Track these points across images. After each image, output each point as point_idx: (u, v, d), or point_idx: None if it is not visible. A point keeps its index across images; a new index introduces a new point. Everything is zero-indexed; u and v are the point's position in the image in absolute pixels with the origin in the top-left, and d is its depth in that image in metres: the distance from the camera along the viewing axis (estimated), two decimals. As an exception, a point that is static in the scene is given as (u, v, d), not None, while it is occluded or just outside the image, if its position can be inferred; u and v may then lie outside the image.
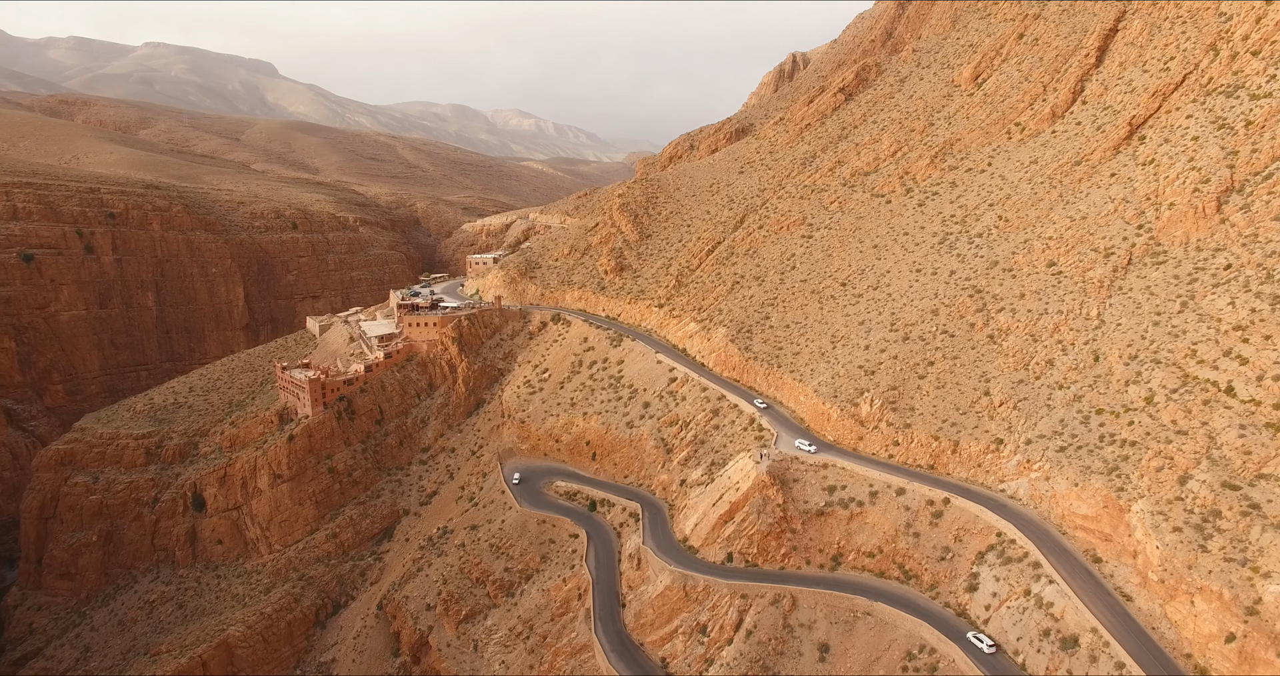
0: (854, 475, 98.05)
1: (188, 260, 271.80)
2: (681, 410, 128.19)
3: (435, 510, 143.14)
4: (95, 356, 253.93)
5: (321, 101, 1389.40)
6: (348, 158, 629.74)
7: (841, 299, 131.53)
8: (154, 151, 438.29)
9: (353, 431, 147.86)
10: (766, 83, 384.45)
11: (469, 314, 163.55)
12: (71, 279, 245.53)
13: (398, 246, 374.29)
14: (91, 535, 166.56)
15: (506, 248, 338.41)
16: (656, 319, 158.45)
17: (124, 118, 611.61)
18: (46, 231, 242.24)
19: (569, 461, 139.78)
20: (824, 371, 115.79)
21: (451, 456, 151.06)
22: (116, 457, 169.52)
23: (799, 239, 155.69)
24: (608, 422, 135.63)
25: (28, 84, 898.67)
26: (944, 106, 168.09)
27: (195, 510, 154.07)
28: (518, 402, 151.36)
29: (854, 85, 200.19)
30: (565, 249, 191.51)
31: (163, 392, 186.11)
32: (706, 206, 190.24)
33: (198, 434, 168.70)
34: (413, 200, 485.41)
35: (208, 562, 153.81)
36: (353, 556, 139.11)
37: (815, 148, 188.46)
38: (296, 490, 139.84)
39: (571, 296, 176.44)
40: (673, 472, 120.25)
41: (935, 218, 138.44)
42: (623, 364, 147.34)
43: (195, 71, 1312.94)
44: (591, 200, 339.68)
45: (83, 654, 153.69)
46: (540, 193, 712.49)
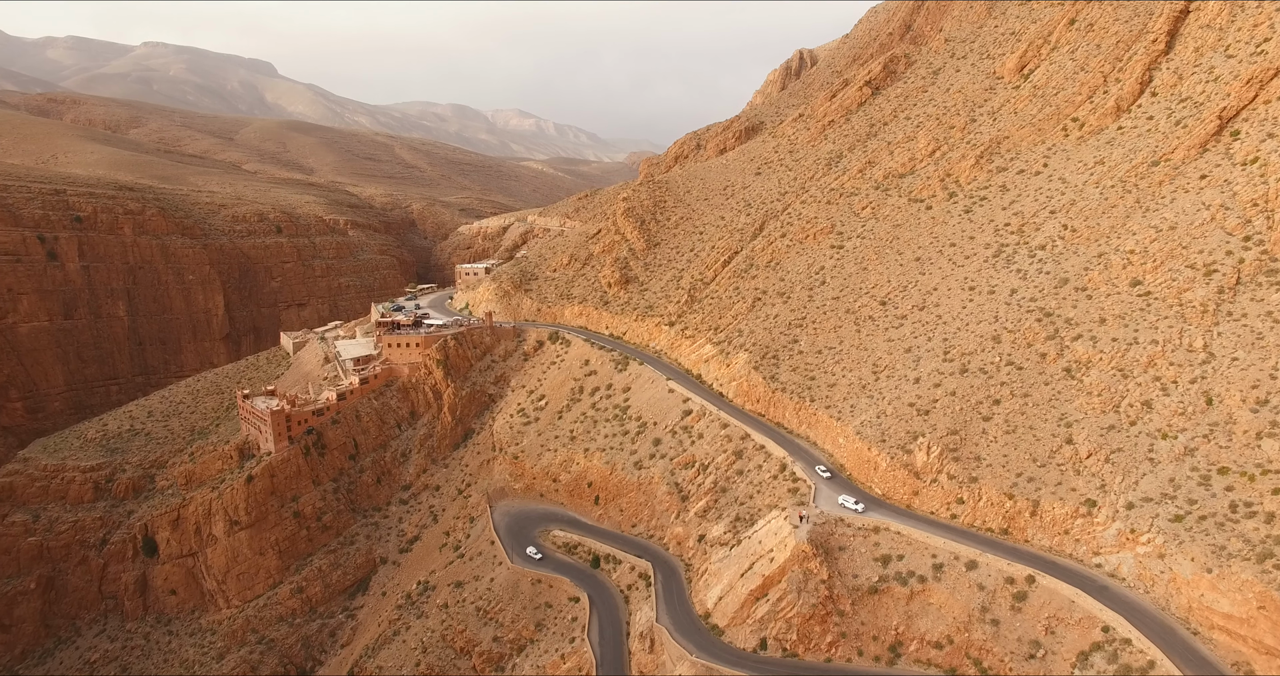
0: (912, 542, 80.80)
1: (162, 267, 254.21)
2: (698, 450, 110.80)
3: (416, 559, 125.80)
4: (59, 370, 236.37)
5: (321, 101, 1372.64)
6: (343, 158, 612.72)
7: (882, 320, 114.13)
8: (139, 151, 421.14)
9: (323, 468, 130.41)
10: (772, 81, 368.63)
11: (456, 333, 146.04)
12: (32, 287, 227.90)
13: (390, 250, 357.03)
14: (30, 582, 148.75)
15: (504, 252, 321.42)
16: (667, 339, 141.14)
17: (114, 117, 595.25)
18: (3, 236, 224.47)
19: (568, 505, 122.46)
20: (867, 408, 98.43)
21: (435, 495, 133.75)
22: (61, 492, 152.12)
23: (828, 249, 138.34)
24: (613, 461, 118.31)
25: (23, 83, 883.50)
26: (986, 100, 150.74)
27: (146, 555, 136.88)
28: (510, 434, 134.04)
29: (881, 78, 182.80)
30: (564, 258, 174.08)
31: (118, 417, 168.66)
32: (721, 211, 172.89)
33: (154, 465, 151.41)
34: (409, 201, 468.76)
35: (160, 615, 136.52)
36: (321, 614, 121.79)
37: (841, 146, 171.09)
38: (256, 538, 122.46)
39: (571, 312, 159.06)
40: (689, 525, 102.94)
41: (986, 226, 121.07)
42: (629, 391, 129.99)
43: (194, 71, 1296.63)
44: (593, 202, 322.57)
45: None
46: (540, 193, 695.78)
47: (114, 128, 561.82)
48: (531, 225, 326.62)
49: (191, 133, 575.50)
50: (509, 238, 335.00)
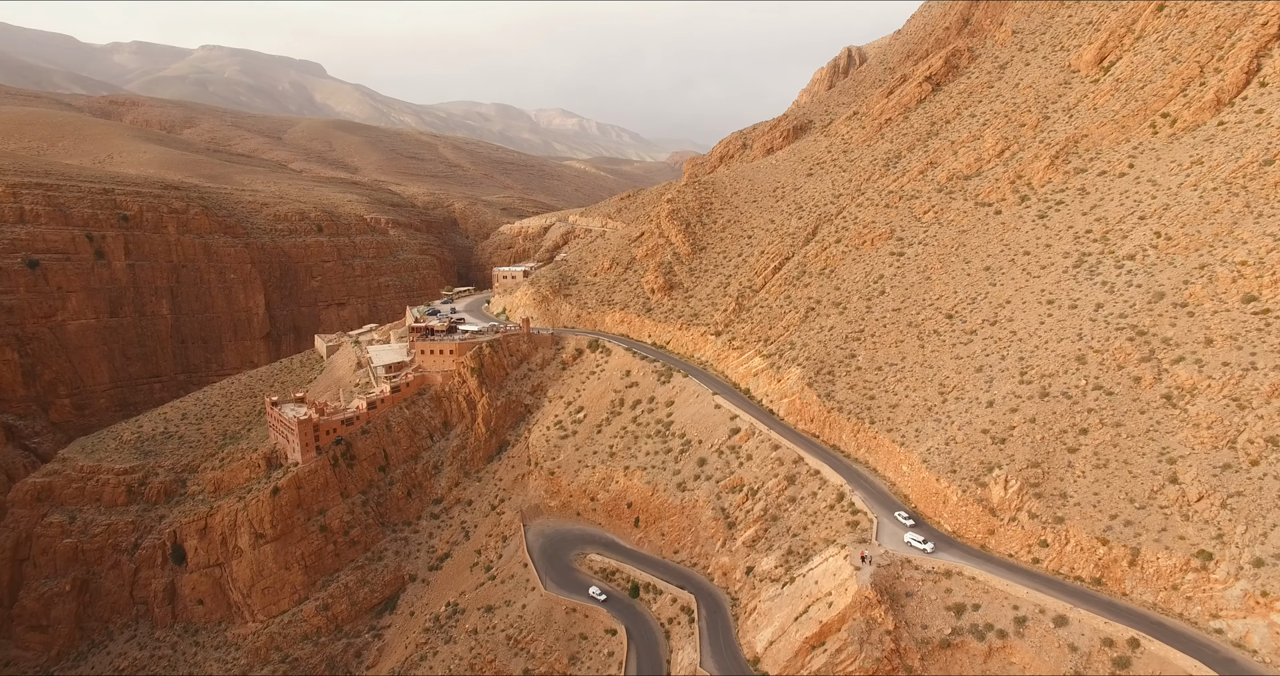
0: (990, 590, 71.88)
1: (205, 265, 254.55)
2: (746, 472, 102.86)
3: (446, 578, 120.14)
4: (105, 368, 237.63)
5: (368, 101, 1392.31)
6: (388, 156, 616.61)
7: (948, 336, 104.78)
8: (189, 150, 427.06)
9: (351, 480, 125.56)
10: (819, 79, 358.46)
11: (491, 339, 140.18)
12: (80, 286, 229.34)
13: (430, 249, 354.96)
14: (65, 583, 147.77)
15: (544, 252, 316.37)
16: (713, 349, 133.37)
17: (169, 117, 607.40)
18: (54, 235, 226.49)
19: (606, 526, 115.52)
20: (934, 434, 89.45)
21: (468, 511, 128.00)
22: (96, 494, 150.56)
23: (887, 256, 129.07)
24: (654, 481, 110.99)
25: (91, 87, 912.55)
26: (1060, 96, 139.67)
27: (175, 563, 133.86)
28: (546, 448, 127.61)
29: (943, 74, 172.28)
30: (606, 262, 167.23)
31: (153, 419, 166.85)
32: (770, 214, 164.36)
33: (186, 470, 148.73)
34: (451, 200, 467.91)
35: (188, 624, 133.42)
36: (347, 632, 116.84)
37: (899, 146, 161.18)
38: (282, 552, 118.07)
39: (612, 319, 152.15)
40: (736, 555, 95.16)
41: (1064, 233, 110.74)
42: (672, 406, 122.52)
43: (247, 73, 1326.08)
44: (635, 202, 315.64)
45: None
46: (582, 193, 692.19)
47: (169, 128, 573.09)
48: (573, 225, 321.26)
49: (241, 132, 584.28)
50: (550, 238, 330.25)
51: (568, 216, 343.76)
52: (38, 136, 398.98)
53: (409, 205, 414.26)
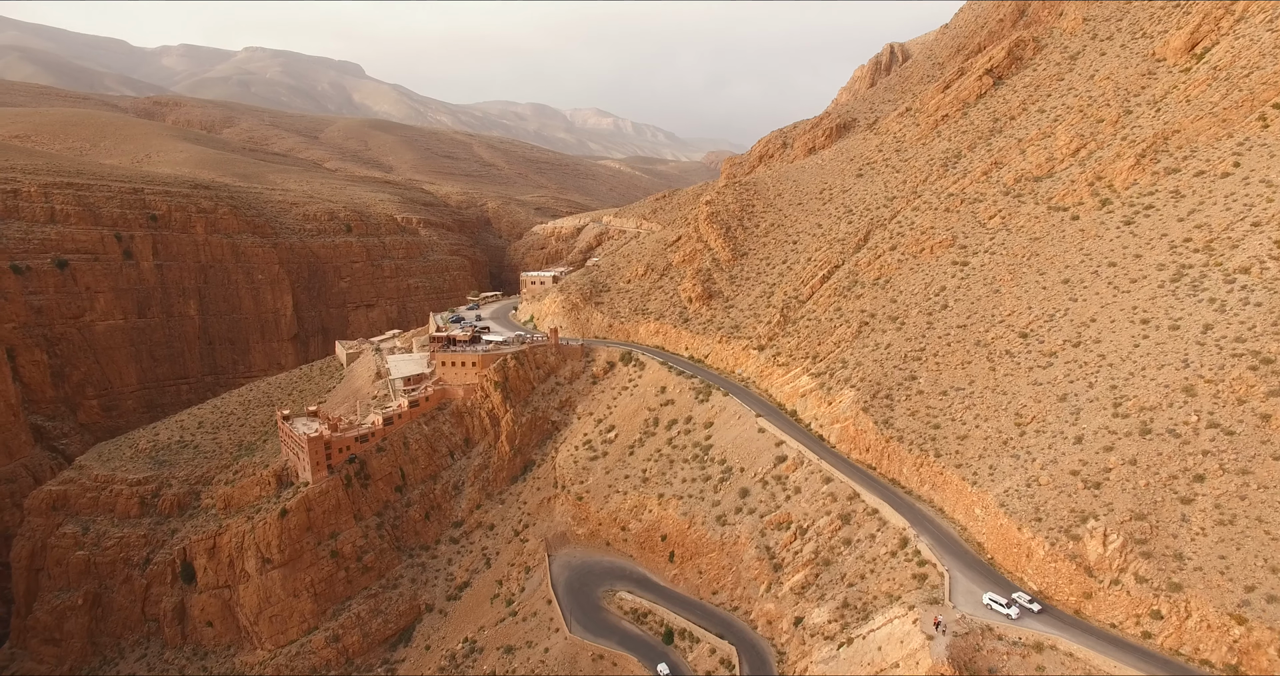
0: (1092, 670, 60.59)
1: (233, 265, 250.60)
2: (794, 508, 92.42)
3: (465, 609, 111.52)
4: (133, 369, 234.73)
5: (405, 101, 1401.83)
6: (422, 156, 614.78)
7: (1023, 357, 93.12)
8: (225, 150, 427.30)
9: (365, 501, 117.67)
10: (860, 77, 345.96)
11: (517, 351, 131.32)
12: (108, 286, 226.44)
13: (461, 250, 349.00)
14: (78, 597, 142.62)
15: (577, 253, 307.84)
16: (755, 365, 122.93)
17: (210, 117, 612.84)
18: (84, 235, 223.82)
19: (638, 559, 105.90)
20: (1011, 473, 78.14)
21: (489, 536, 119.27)
22: (110, 505, 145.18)
23: (949, 266, 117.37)
24: (691, 512, 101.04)
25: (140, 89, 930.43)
26: (1145, 87, 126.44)
27: (185, 582, 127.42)
28: (574, 470, 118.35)
29: (1005, 66, 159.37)
30: (640, 268, 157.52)
31: (170, 426, 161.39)
32: (817, 218, 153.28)
33: (200, 482, 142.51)
34: (484, 199, 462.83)
35: (197, 646, 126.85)
36: (359, 666, 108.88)
37: (959, 145, 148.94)
38: (290, 578, 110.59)
39: (646, 329, 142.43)
40: (783, 602, 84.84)
41: (1156, 242, 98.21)
42: (711, 427, 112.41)
43: (288, 73, 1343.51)
44: (671, 202, 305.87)
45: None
46: (617, 192, 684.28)
47: (209, 128, 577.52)
48: (607, 226, 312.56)
49: (279, 131, 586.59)
50: (583, 239, 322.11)
51: (602, 217, 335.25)
52: (81, 137, 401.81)
53: (442, 204, 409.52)
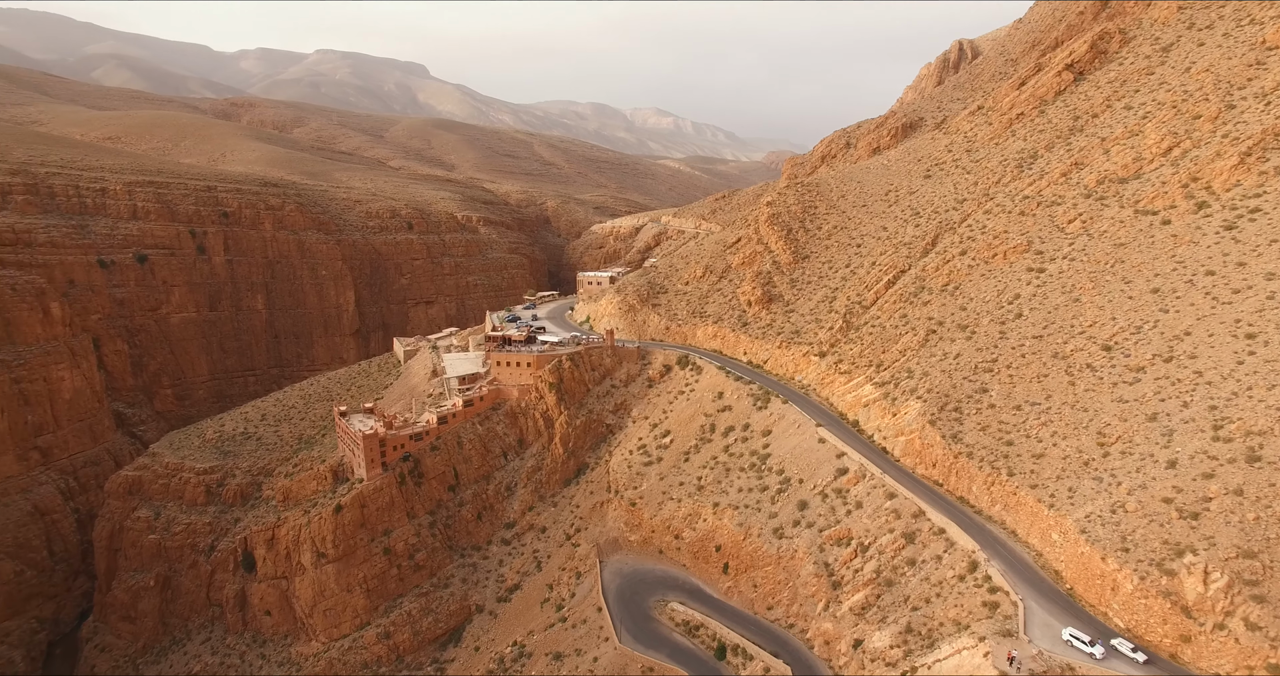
0: (1186, 718, 55.73)
1: (298, 261, 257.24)
2: (855, 523, 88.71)
3: (515, 612, 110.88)
4: (204, 360, 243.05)
5: (468, 100, 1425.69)
6: (484, 154, 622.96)
7: (1107, 372, 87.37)
8: (294, 149, 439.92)
9: (418, 500, 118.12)
10: (926, 75, 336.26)
11: (572, 352, 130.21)
12: (183, 280, 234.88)
13: (520, 249, 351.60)
14: (150, 578, 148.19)
15: (635, 253, 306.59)
16: (816, 372, 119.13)
17: (281, 117, 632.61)
18: (162, 231, 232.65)
19: (691, 568, 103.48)
20: (1094, 496, 73.07)
21: (541, 538, 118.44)
22: (179, 492, 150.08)
23: (1024, 272, 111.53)
24: (747, 524, 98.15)
25: (219, 91, 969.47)
26: (1251, 80, 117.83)
27: (245, 570, 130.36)
28: (628, 475, 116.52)
29: (1087, 60, 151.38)
30: (698, 270, 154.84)
31: (235, 418, 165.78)
32: (882, 221, 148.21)
33: (262, 473, 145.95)
34: (543, 198, 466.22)
35: (256, 633, 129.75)
36: (409, 664, 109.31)
37: (1035, 144, 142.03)
38: (344, 574, 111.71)
39: (704, 333, 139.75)
40: (841, 622, 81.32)
41: (1264, 249, 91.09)
42: (770, 436, 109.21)
43: (356, 74, 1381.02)
44: (730, 203, 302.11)
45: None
46: (676, 192, 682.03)
47: (281, 127, 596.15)
48: (665, 226, 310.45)
49: (346, 131, 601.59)
50: (641, 238, 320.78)
51: (660, 217, 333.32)
52: (164, 137, 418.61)
53: (502, 203, 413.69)
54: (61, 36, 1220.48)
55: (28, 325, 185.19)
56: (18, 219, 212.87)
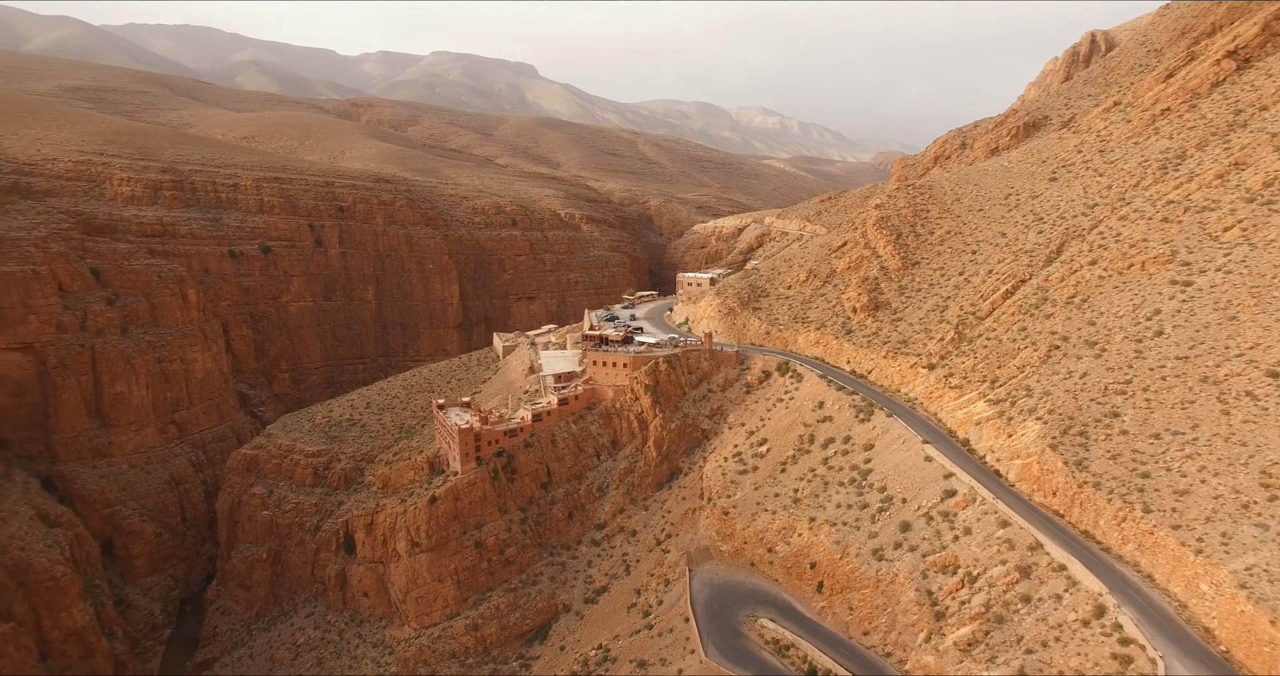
0: None
1: (406, 255, 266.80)
2: (963, 551, 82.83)
3: (601, 614, 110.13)
4: (318, 347, 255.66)
5: (575, 100, 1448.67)
6: (588, 153, 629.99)
7: (1272, 402, 78.01)
8: (408, 146, 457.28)
9: (511, 496, 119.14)
10: (1052, 70, 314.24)
11: (670, 354, 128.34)
12: (301, 271, 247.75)
13: (622, 247, 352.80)
14: (262, 551, 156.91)
15: (737, 254, 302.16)
16: (924, 385, 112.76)
17: (397, 117, 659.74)
18: (284, 225, 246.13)
19: (784, 584, 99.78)
20: (1257, 546, 64.92)
21: (631, 542, 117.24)
22: (290, 473, 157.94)
23: (1166, 285, 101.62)
24: (844, 542, 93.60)
25: (342, 92, 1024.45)
26: None
27: (346, 552, 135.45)
28: (722, 483, 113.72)
29: (1256, 45, 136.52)
30: (802, 274, 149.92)
31: (341, 405, 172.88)
32: (1001, 226, 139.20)
33: (365, 459, 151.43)
34: (646, 197, 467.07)
35: (354, 613, 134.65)
36: (495, 658, 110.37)
37: (1183, 143, 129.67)
38: (436, 563, 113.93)
39: (806, 339, 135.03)
40: (944, 657, 75.92)
41: None
42: (872, 450, 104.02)
43: (468, 75, 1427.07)
44: (836, 205, 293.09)
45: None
46: (780, 193, 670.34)
47: (396, 126, 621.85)
48: (768, 227, 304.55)
49: (456, 129, 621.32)
50: (744, 239, 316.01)
51: (764, 217, 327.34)
52: (291, 136, 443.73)
53: (605, 201, 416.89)
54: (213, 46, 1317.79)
55: (169, 310, 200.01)
56: (165, 212, 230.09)
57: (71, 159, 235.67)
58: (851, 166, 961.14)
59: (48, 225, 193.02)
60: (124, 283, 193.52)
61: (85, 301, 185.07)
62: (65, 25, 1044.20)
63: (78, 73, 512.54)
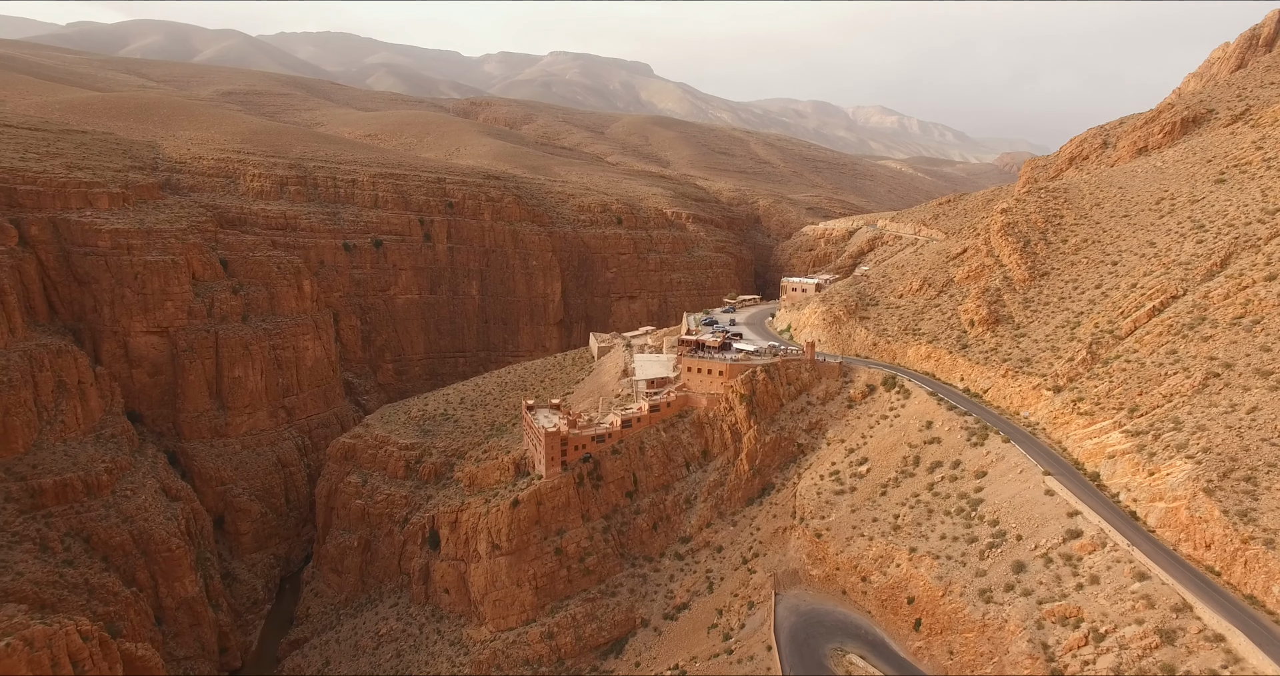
0: None
1: (511, 251, 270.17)
2: (1088, 602, 72.63)
3: (680, 633, 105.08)
4: (421, 340, 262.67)
5: (688, 98, 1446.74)
6: (699, 151, 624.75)
7: None
8: (520, 144, 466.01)
9: (594, 503, 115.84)
10: (1219, 58, 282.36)
11: (768, 363, 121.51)
12: (410, 264, 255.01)
13: (727, 248, 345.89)
14: (354, 539, 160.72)
15: (846, 257, 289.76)
16: (1047, 410, 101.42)
17: (513, 115, 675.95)
18: (396, 219, 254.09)
19: (877, 618, 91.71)
20: None
21: (716, 558, 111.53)
22: (383, 464, 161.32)
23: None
24: (948, 577, 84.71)
25: (463, 92, 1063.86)
26: None
27: (431, 547, 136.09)
28: (816, 502, 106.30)
29: None
30: (915, 282, 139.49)
31: (437, 399, 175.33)
32: (1149, 234, 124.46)
33: (455, 455, 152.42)
34: (755, 197, 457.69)
35: (435, 608, 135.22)
36: (569, 668, 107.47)
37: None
38: (515, 567, 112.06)
39: (915, 353, 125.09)
40: (1062, 723, 66.49)
41: None
42: (984, 478, 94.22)
43: (585, 74, 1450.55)
44: (956, 208, 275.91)
45: (323, 666, 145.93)
46: (895, 194, 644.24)
47: (511, 124, 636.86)
48: (881, 231, 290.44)
49: (569, 127, 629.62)
50: (854, 243, 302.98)
51: (876, 220, 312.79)
52: (411, 134, 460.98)
53: (713, 200, 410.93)
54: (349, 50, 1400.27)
55: (286, 299, 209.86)
56: (289, 206, 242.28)
57: (214, 157, 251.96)
58: (973, 168, 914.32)
59: (188, 218, 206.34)
60: (248, 272, 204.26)
61: (213, 289, 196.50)
62: (229, 37, 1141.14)
63: (232, 79, 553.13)
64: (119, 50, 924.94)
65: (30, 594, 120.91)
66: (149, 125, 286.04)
